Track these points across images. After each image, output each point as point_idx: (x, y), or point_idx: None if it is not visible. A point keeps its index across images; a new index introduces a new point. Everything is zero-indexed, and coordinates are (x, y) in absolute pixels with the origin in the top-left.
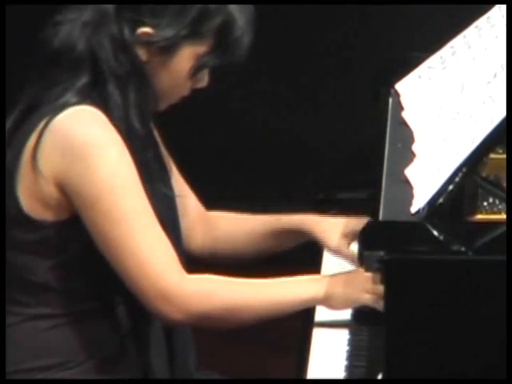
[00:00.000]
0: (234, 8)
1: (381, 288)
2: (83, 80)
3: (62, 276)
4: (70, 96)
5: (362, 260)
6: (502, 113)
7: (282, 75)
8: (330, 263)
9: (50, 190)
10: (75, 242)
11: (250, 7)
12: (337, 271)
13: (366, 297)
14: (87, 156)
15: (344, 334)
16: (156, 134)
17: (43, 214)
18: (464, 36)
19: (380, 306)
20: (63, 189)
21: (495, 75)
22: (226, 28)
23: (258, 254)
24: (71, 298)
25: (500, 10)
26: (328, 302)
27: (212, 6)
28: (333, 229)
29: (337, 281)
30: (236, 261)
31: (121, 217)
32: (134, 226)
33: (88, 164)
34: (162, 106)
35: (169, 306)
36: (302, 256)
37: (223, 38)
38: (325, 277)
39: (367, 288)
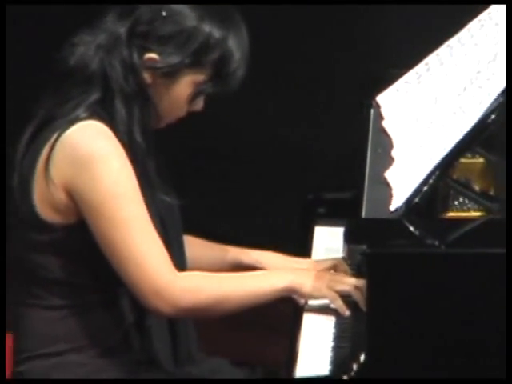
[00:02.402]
0: (232, 43)
1: (343, 288)
2: (93, 97)
3: (70, 272)
4: (80, 111)
5: (347, 253)
6: (471, 122)
7: (280, 82)
8: (319, 254)
9: (60, 197)
10: (82, 243)
11: (246, 43)
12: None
13: (331, 294)
14: (92, 166)
15: (331, 318)
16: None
17: (55, 217)
18: (437, 54)
19: (337, 304)
20: (71, 195)
21: (465, 89)
22: (224, 61)
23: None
24: (79, 291)
25: (478, 24)
26: (300, 290)
27: (213, 40)
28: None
29: (308, 274)
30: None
31: (121, 221)
32: (132, 230)
33: (93, 174)
34: (161, 124)
35: (161, 302)
36: (292, 247)
37: (220, 70)
38: (298, 269)
39: (331, 285)
